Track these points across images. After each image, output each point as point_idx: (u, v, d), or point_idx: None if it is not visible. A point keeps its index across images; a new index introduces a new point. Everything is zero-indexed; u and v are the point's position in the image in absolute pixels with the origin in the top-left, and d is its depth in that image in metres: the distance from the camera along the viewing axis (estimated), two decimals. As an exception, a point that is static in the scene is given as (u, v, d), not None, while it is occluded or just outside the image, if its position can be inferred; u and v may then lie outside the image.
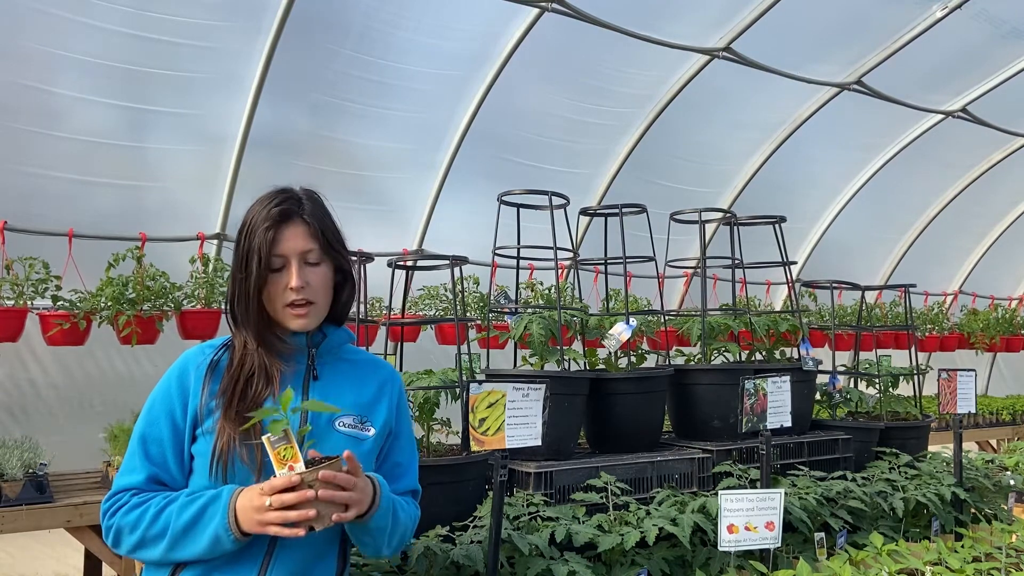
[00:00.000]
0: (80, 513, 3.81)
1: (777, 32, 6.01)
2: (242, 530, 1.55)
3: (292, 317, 1.71)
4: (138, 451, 1.68)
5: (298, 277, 1.68)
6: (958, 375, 3.87)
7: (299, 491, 1.50)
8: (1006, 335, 8.86)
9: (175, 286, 4.63)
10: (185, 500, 1.61)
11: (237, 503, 1.56)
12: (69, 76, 4.60)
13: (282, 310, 1.71)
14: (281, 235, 1.69)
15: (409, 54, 5.36)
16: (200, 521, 1.57)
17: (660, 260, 4.02)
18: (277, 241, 1.69)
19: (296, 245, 1.70)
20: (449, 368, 3.36)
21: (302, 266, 1.70)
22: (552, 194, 3.51)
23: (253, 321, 1.71)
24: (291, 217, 1.71)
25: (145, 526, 1.60)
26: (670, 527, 2.70)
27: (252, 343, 1.71)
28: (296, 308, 1.70)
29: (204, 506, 1.58)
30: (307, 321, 1.72)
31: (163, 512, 1.60)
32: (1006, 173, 8.83)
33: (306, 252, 1.71)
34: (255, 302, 1.69)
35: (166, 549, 1.60)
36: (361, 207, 5.87)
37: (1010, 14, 6.38)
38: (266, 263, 1.68)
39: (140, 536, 1.61)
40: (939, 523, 3.51)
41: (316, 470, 1.51)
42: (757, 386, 3.01)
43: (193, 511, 1.58)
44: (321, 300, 1.74)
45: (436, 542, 2.46)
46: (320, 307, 1.74)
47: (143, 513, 1.61)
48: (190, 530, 1.57)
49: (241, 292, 1.70)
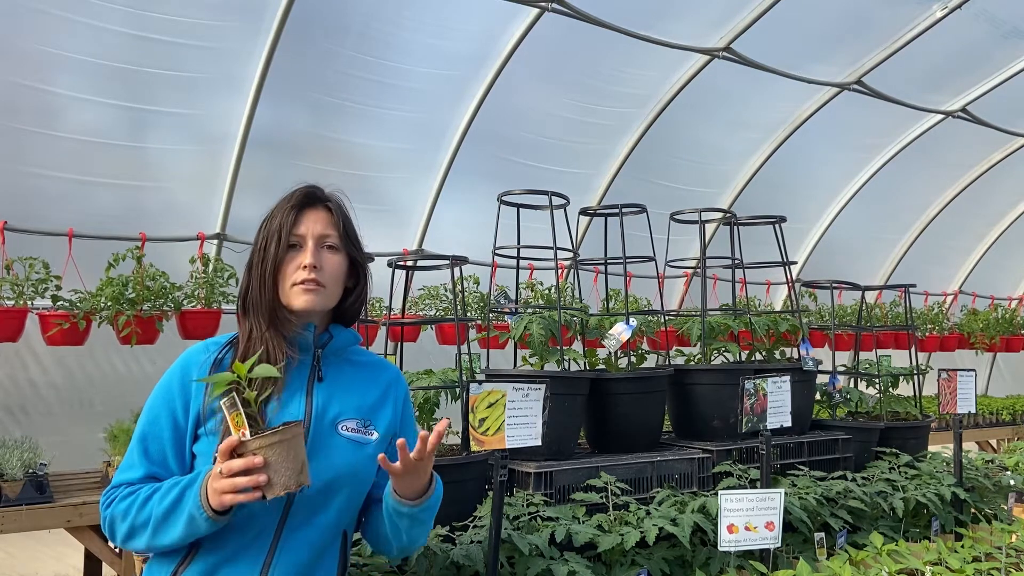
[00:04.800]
0: (80, 513, 3.81)
1: (777, 32, 6.02)
2: (213, 508, 1.53)
3: (299, 292, 1.71)
4: (138, 448, 1.69)
5: (312, 255, 1.71)
6: (958, 375, 3.87)
7: (246, 458, 1.48)
8: (1006, 335, 8.86)
9: (175, 286, 4.63)
10: (168, 485, 1.60)
11: (207, 481, 1.54)
12: (69, 76, 4.60)
13: (291, 289, 1.72)
14: (303, 216, 1.74)
15: (409, 54, 5.36)
16: (179, 505, 1.56)
17: (660, 260, 4.02)
18: (298, 221, 1.73)
19: (316, 228, 1.74)
20: (449, 368, 3.36)
21: (318, 249, 1.73)
22: (552, 194, 3.51)
23: (267, 301, 1.71)
24: (314, 202, 1.76)
25: (133, 514, 1.60)
26: (670, 527, 2.70)
27: (262, 325, 1.71)
28: (304, 285, 1.71)
29: (183, 489, 1.57)
30: (313, 299, 1.71)
31: (149, 500, 1.60)
32: (1006, 173, 8.83)
33: (324, 236, 1.74)
34: (271, 280, 1.71)
35: (151, 536, 1.59)
36: (361, 207, 5.74)
37: (1010, 14, 6.38)
38: (285, 241, 1.71)
39: (130, 524, 1.61)
40: (939, 523, 3.51)
41: (263, 436, 1.48)
42: (757, 386, 3.01)
43: (173, 496, 1.57)
44: (331, 287, 1.75)
45: (436, 542, 2.46)
46: (329, 293, 1.75)
47: (132, 502, 1.62)
48: (170, 514, 1.56)
49: (256, 277, 1.72)
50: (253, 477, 1.47)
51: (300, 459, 1.52)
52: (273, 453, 1.49)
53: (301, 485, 1.52)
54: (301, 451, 1.53)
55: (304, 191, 1.77)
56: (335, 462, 1.69)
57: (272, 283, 1.71)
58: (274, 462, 1.49)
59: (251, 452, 1.48)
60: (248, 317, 1.74)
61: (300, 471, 1.52)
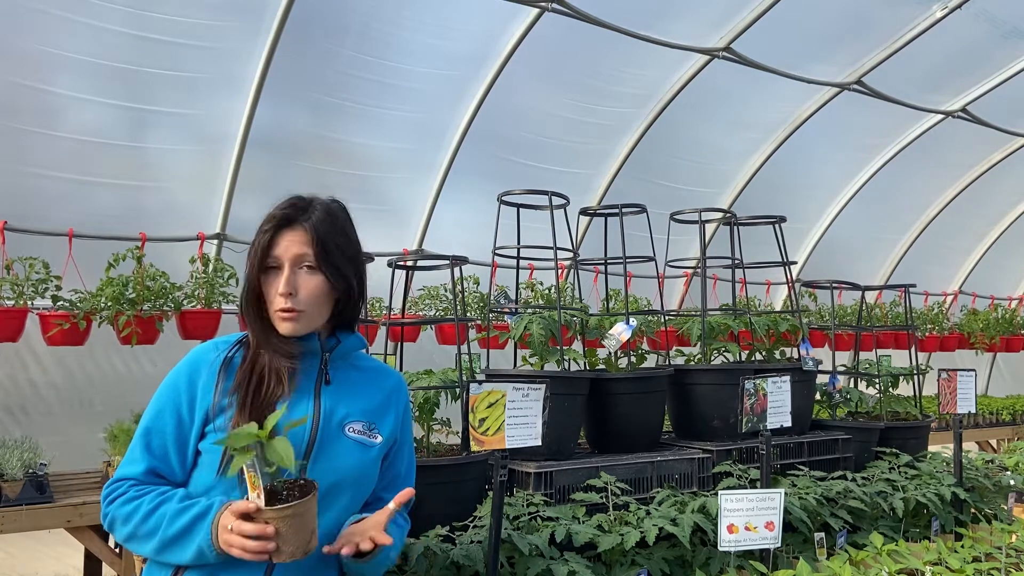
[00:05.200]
0: (80, 513, 3.81)
1: (777, 32, 6.01)
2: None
3: (280, 320, 1.71)
4: (140, 443, 1.70)
5: (285, 283, 1.68)
6: (958, 375, 3.87)
7: (257, 524, 1.49)
8: (1006, 335, 8.85)
9: (175, 286, 4.63)
10: (177, 508, 1.61)
11: (220, 519, 1.56)
12: (69, 76, 4.60)
13: (274, 313, 1.71)
14: (279, 237, 1.70)
15: (409, 54, 5.36)
16: (189, 533, 1.58)
17: (660, 260, 4.02)
18: (273, 244, 1.70)
19: (290, 250, 1.70)
20: (449, 368, 3.36)
21: (294, 272, 1.70)
22: (552, 194, 3.51)
23: (252, 320, 1.73)
24: (292, 222, 1.71)
25: (136, 522, 1.62)
26: (670, 527, 2.70)
27: (261, 342, 1.72)
28: (284, 313, 1.69)
29: (194, 518, 1.58)
30: (294, 326, 1.70)
31: (155, 512, 1.61)
32: (1006, 173, 8.83)
33: (300, 257, 1.70)
34: (254, 309, 1.72)
35: (156, 550, 1.62)
36: (361, 207, 5.82)
37: (1010, 14, 6.38)
38: (260, 264, 1.69)
39: (132, 531, 1.63)
40: (939, 523, 3.51)
41: (278, 508, 1.48)
42: (757, 386, 3.01)
43: (183, 522, 1.58)
44: (311, 309, 1.71)
45: (436, 542, 2.46)
46: (311, 316, 1.72)
47: (136, 508, 1.63)
48: (179, 539, 1.59)
49: (247, 291, 1.73)
50: (262, 544, 1.49)
51: (311, 528, 1.53)
52: (285, 525, 1.49)
53: (308, 553, 1.54)
54: (313, 519, 1.54)
55: (283, 213, 1.71)
56: (342, 464, 1.71)
57: (256, 309, 1.72)
58: (285, 532, 1.49)
59: (264, 520, 1.49)
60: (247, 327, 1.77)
61: (309, 540, 1.54)
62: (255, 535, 1.48)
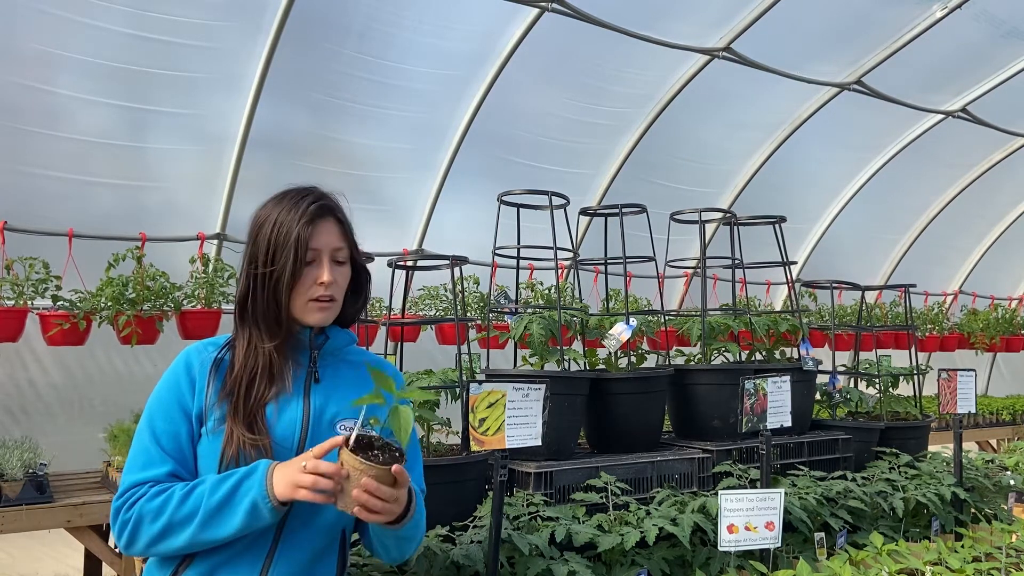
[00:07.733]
0: (80, 513, 3.81)
1: (777, 32, 6.02)
2: (279, 499, 1.55)
3: (315, 310, 1.71)
4: (153, 446, 1.65)
5: (329, 272, 1.71)
6: (958, 375, 3.87)
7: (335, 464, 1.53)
8: (1006, 335, 8.86)
9: (175, 286, 4.63)
10: (217, 478, 1.59)
11: (275, 472, 1.56)
12: (69, 76, 4.60)
13: (305, 304, 1.71)
14: (317, 230, 1.71)
15: (409, 54, 5.36)
16: (236, 494, 1.56)
17: (660, 260, 4.02)
18: (313, 235, 1.71)
19: (330, 241, 1.73)
20: (449, 368, 3.36)
21: (332, 263, 1.73)
22: (552, 194, 3.51)
23: (275, 314, 1.70)
24: (326, 214, 1.74)
25: (172, 510, 1.57)
26: (670, 527, 2.70)
27: (265, 339, 1.71)
28: (321, 302, 1.71)
29: (241, 478, 1.57)
30: (327, 315, 1.74)
31: (192, 494, 1.58)
32: (1006, 173, 8.83)
33: (337, 250, 1.74)
34: (286, 295, 1.69)
35: (196, 530, 1.57)
36: (361, 207, 5.84)
37: (1010, 14, 6.38)
38: (303, 257, 1.69)
39: (166, 521, 1.57)
40: (939, 523, 3.51)
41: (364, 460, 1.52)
42: (757, 386, 3.01)
43: (229, 485, 1.57)
44: (341, 299, 1.77)
45: (436, 542, 2.46)
46: (339, 306, 1.77)
47: (168, 498, 1.59)
48: (225, 506, 1.56)
49: (266, 288, 1.69)
50: (334, 483, 1.52)
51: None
52: (357, 476, 1.53)
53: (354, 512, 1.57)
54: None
55: (317, 205, 1.72)
56: (334, 462, 1.69)
57: (287, 299, 1.70)
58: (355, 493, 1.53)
59: (342, 462, 1.53)
60: (247, 324, 1.73)
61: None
62: (331, 473, 1.51)
